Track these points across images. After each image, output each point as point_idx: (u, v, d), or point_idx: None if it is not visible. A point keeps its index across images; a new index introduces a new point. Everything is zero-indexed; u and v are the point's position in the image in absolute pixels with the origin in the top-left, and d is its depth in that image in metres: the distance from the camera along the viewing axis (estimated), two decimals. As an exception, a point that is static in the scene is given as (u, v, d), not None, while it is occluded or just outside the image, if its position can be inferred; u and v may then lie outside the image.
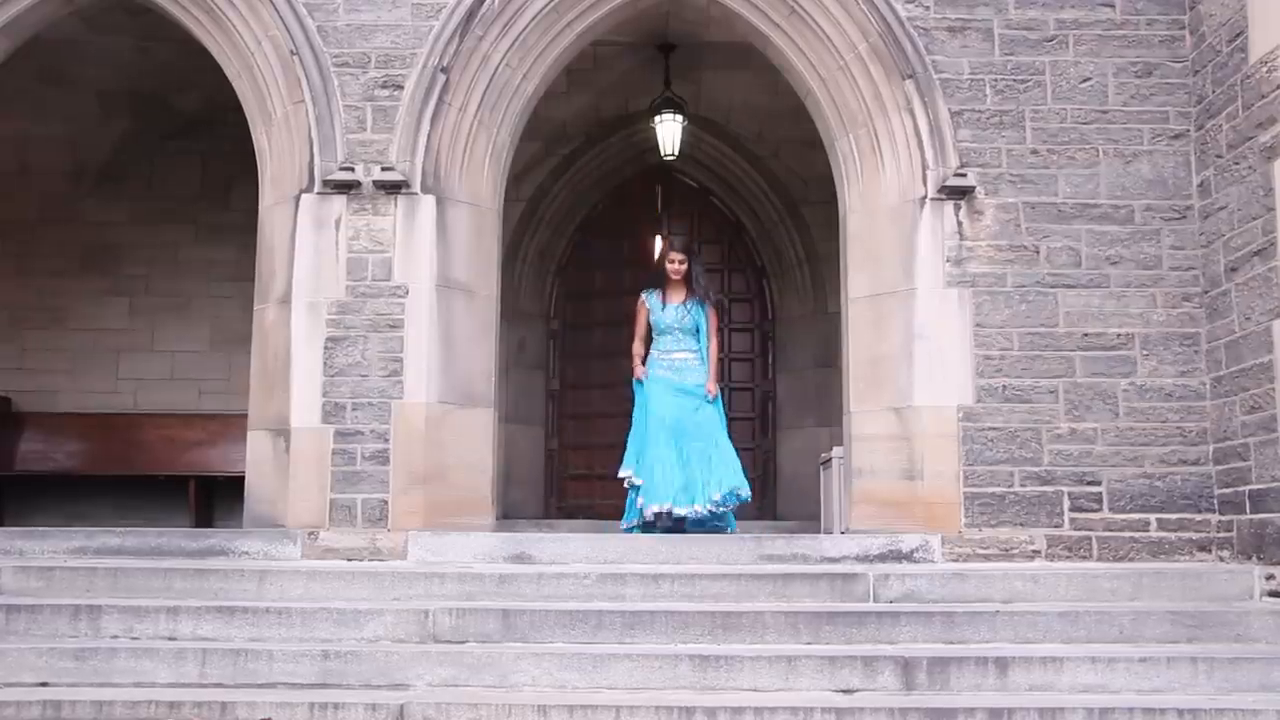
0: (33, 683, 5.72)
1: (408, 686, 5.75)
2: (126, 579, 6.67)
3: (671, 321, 8.48)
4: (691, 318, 8.50)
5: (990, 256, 7.45)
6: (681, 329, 8.47)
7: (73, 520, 10.43)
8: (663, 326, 8.51)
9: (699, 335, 8.51)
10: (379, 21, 7.71)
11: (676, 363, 8.41)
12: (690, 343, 8.49)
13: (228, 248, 11.31)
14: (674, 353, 8.44)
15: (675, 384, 8.33)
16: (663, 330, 8.52)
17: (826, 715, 5.35)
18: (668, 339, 8.50)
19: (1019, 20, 7.61)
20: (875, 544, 7.09)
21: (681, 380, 8.35)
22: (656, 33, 10.47)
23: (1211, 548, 7.16)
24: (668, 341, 8.50)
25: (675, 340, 8.47)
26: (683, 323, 8.47)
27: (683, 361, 8.42)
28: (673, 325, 8.47)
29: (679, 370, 8.39)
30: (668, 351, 8.47)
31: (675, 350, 8.45)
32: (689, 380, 8.36)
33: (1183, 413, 7.32)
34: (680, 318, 8.48)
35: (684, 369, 8.40)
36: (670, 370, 8.40)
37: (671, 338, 8.48)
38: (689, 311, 8.49)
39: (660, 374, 8.41)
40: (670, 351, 8.46)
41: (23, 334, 11.79)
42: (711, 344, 8.52)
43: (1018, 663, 5.86)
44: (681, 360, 8.43)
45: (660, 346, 8.52)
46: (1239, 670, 5.88)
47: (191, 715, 5.37)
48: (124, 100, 11.50)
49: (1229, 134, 7.09)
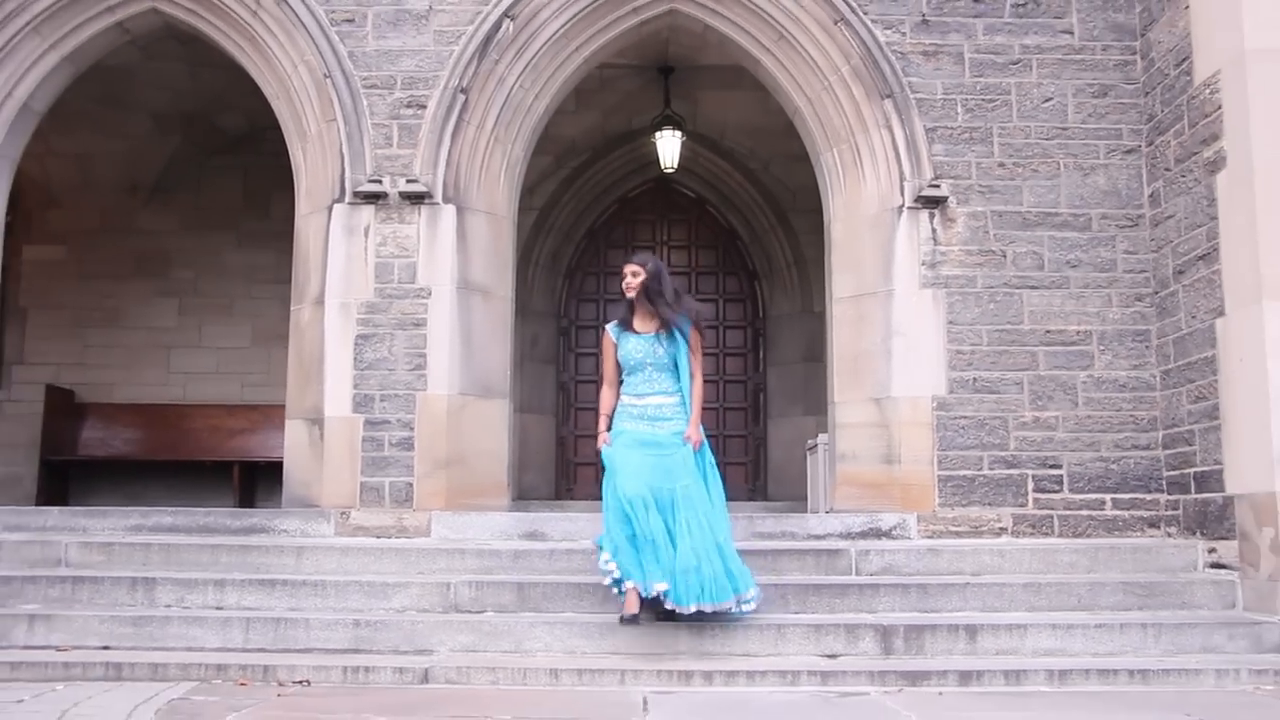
0: (96, 645, 5.79)
1: (432, 652, 5.77)
2: (178, 554, 6.71)
3: (641, 356, 6.09)
4: (666, 350, 6.09)
5: (961, 260, 7.44)
6: (655, 364, 6.09)
7: (129, 501, 10.44)
8: (631, 363, 6.12)
9: (678, 371, 6.14)
10: (404, 47, 7.71)
11: (650, 409, 6.05)
12: (667, 381, 6.10)
13: (267, 253, 11.32)
14: (647, 396, 6.08)
15: (646, 438, 5.98)
16: (632, 367, 6.13)
17: (813, 678, 5.40)
18: (638, 379, 6.12)
19: (987, 45, 7.59)
20: (857, 522, 7.08)
21: (655, 431, 6.00)
22: (657, 56, 10.45)
23: (1160, 524, 7.15)
24: (639, 382, 6.12)
25: (647, 379, 6.10)
26: (655, 356, 6.08)
27: (658, 408, 6.05)
28: (643, 361, 6.09)
29: (653, 419, 6.03)
30: (639, 395, 6.10)
31: (649, 393, 6.08)
32: (666, 430, 6.03)
33: (1135, 402, 7.31)
34: (651, 350, 6.08)
35: (659, 416, 6.04)
36: (642, 419, 6.04)
37: (642, 376, 6.11)
38: (661, 342, 6.09)
39: (628, 426, 6.05)
40: (642, 395, 6.09)
41: (84, 332, 11.82)
42: (695, 381, 6.14)
43: (986, 629, 5.91)
44: (656, 407, 6.06)
45: (630, 389, 6.14)
46: (1183, 634, 5.95)
47: (237, 677, 5.40)
48: (174, 120, 11.49)
49: (1176, 149, 7.07)
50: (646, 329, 6.12)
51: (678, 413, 6.05)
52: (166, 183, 11.94)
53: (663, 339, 6.08)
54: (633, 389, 6.12)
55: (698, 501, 5.81)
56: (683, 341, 6.11)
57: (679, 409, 6.07)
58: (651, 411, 6.04)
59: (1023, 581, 6.44)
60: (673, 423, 6.03)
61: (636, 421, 6.04)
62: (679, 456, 5.91)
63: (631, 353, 6.10)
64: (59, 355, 11.76)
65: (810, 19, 7.67)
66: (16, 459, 11.24)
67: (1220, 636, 5.94)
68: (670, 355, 6.09)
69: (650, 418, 6.03)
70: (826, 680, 5.37)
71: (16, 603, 6.19)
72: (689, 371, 6.12)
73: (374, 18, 7.74)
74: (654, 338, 6.09)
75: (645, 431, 5.99)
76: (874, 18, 7.61)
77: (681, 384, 6.11)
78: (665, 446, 5.95)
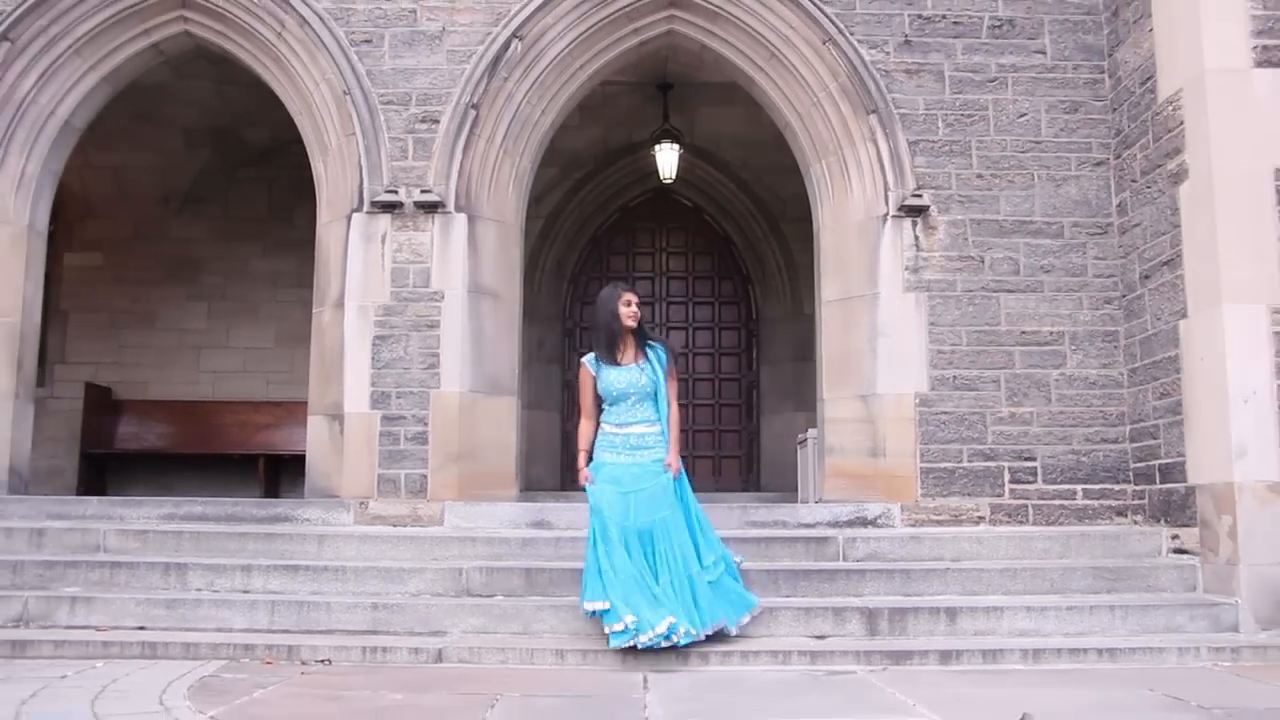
0: (133, 626, 5.81)
1: (445, 633, 5.79)
2: (208, 541, 6.72)
3: (625, 386, 5.77)
4: (649, 378, 5.80)
5: (942, 265, 7.45)
6: (639, 394, 5.78)
7: (162, 491, 10.49)
8: (614, 393, 5.79)
9: (658, 400, 5.84)
10: (418, 65, 7.72)
11: (634, 438, 5.75)
12: (649, 410, 5.81)
13: (290, 260, 11.36)
14: (630, 426, 5.77)
15: (627, 472, 5.69)
16: (615, 398, 5.81)
17: (803, 658, 5.42)
18: (621, 409, 5.80)
19: (966, 64, 7.61)
20: (844, 511, 7.09)
21: (636, 460, 5.73)
22: (657, 74, 10.47)
23: (1128, 513, 7.16)
24: (621, 411, 5.80)
25: (631, 409, 5.78)
26: (639, 386, 5.78)
27: (640, 437, 5.76)
28: (626, 391, 5.77)
29: (635, 447, 5.74)
30: (622, 425, 5.79)
31: (632, 422, 5.77)
32: (647, 458, 5.75)
33: (1104, 399, 7.32)
34: (635, 380, 5.78)
35: (641, 445, 5.75)
36: (625, 449, 5.75)
37: (625, 406, 5.79)
38: (644, 371, 5.80)
39: (609, 458, 5.77)
40: (625, 425, 5.78)
41: (120, 334, 11.86)
42: (673, 408, 5.88)
43: (965, 612, 5.92)
44: (640, 436, 5.76)
45: (612, 418, 5.83)
46: (1149, 615, 5.96)
47: (263, 656, 5.42)
48: (204, 135, 11.53)
49: (1142, 162, 7.09)
50: (629, 360, 5.83)
51: (659, 441, 5.78)
52: (196, 194, 11.97)
53: (645, 369, 5.80)
54: (615, 418, 5.81)
55: (674, 532, 5.60)
56: (662, 370, 5.84)
57: (660, 438, 5.79)
58: (635, 440, 5.75)
59: (999, 567, 6.45)
60: (654, 451, 5.75)
61: (618, 452, 5.76)
62: (660, 485, 5.66)
63: (614, 384, 5.79)
64: (97, 355, 11.81)
65: (800, 39, 7.69)
66: (58, 452, 11.27)
67: (1182, 617, 5.96)
68: (653, 384, 5.81)
69: (633, 446, 5.75)
70: (816, 660, 5.39)
71: (59, 586, 6.22)
72: (668, 400, 5.85)
73: (391, 38, 7.76)
74: (637, 368, 5.80)
75: (626, 462, 5.72)
76: (860, 38, 7.62)
77: (660, 413, 5.82)
78: (645, 477, 5.68)
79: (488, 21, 7.74)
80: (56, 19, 7.86)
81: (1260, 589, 5.95)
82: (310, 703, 4.36)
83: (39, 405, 9.03)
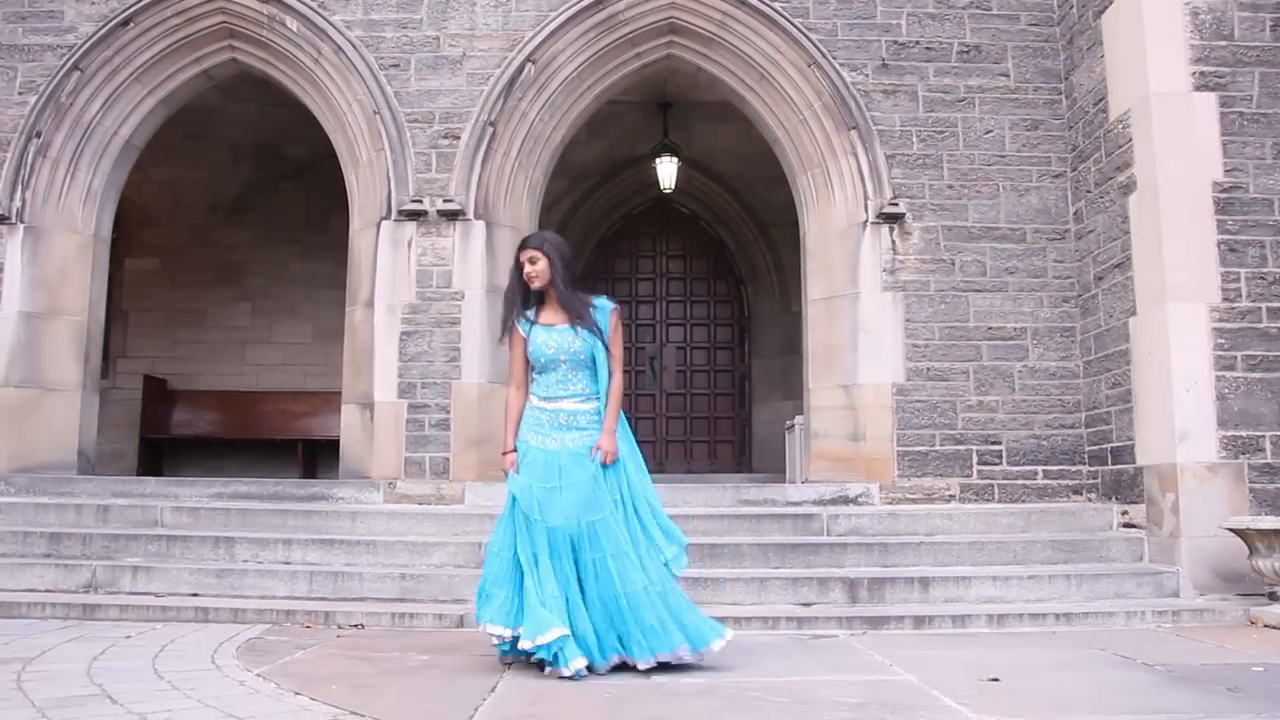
0: (187, 593, 5.88)
1: (466, 601, 5.78)
2: (252, 517, 6.78)
3: (554, 352, 4.38)
4: (584, 342, 4.38)
5: (917, 267, 7.47)
6: (571, 361, 4.38)
7: (211, 473, 10.55)
8: (542, 360, 4.40)
9: (596, 369, 4.42)
10: (441, 87, 7.75)
11: (562, 416, 4.35)
12: (583, 382, 4.40)
13: (325, 263, 11.39)
14: (559, 400, 4.38)
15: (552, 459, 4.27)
16: (543, 365, 4.41)
17: (790, 623, 5.45)
18: (550, 379, 4.41)
19: (937, 85, 7.62)
20: (828, 491, 7.12)
21: (564, 445, 4.30)
22: (657, 94, 10.49)
23: (1083, 491, 7.19)
24: (551, 383, 4.40)
25: (561, 380, 4.39)
26: (570, 352, 4.37)
27: (570, 415, 4.35)
28: (556, 358, 4.38)
29: (563, 428, 4.33)
30: (550, 399, 4.39)
31: (562, 396, 4.38)
32: (578, 442, 4.32)
33: (1062, 388, 7.35)
34: (565, 345, 4.37)
35: (572, 425, 4.34)
36: (553, 428, 4.34)
37: (555, 376, 4.40)
38: (578, 335, 4.38)
39: (534, 440, 4.33)
40: (554, 399, 4.38)
41: (175, 331, 11.93)
42: (614, 380, 4.41)
43: (937, 581, 5.96)
44: (570, 414, 4.36)
45: (541, 390, 4.43)
46: (1100, 583, 6.01)
47: (303, 621, 5.46)
48: (249, 151, 11.57)
49: (1095, 174, 7.10)
50: (557, 320, 4.41)
51: (594, 422, 4.36)
52: (241, 204, 12.02)
53: (579, 331, 4.37)
54: (543, 390, 4.40)
55: (606, 541, 4.16)
56: (603, 332, 4.40)
57: (595, 418, 4.36)
58: (564, 418, 4.33)
59: (968, 540, 6.49)
60: (587, 433, 4.33)
61: (545, 432, 4.32)
62: (592, 477, 4.25)
63: (542, 348, 4.37)
64: (154, 350, 11.88)
65: (788, 62, 7.71)
66: (120, 437, 11.34)
67: (1130, 584, 6.00)
68: (588, 349, 4.37)
69: (561, 425, 4.32)
70: (802, 625, 5.42)
71: (123, 556, 6.29)
72: (609, 366, 4.41)
73: (416, 63, 7.79)
74: (569, 330, 4.37)
75: (553, 448, 4.27)
76: (841, 61, 7.64)
77: (599, 385, 4.40)
78: (572, 469, 4.24)
79: (504, 47, 7.77)
80: (119, 50, 7.93)
81: (1199, 558, 5.99)
82: (346, 663, 4.40)
83: (103, 395, 9.08)
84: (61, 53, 7.87)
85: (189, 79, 8.21)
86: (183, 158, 11.05)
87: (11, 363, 7.64)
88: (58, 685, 3.80)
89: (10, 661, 4.25)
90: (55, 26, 7.91)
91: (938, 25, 7.69)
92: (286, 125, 10.42)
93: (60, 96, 7.85)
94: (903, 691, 3.87)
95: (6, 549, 6.38)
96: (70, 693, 3.67)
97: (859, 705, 3.62)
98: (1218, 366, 6.15)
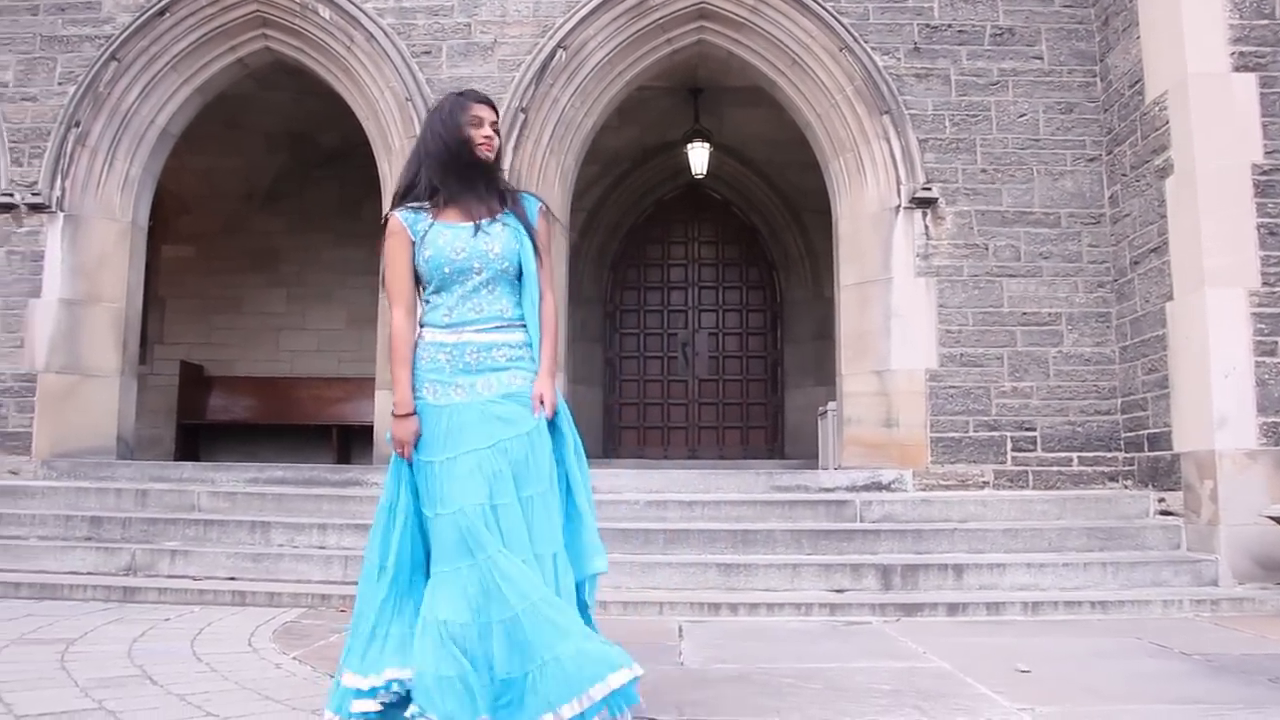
0: (224, 576, 5.95)
1: (500, 585, 5.83)
2: (288, 502, 6.84)
3: (465, 258, 2.86)
4: (505, 246, 2.89)
5: (950, 252, 7.40)
6: (491, 272, 2.87)
7: (247, 458, 10.63)
8: (447, 270, 2.86)
9: (520, 284, 2.93)
10: (473, 74, 7.75)
11: (477, 351, 2.85)
12: (505, 301, 2.91)
13: (359, 250, 11.42)
14: (471, 329, 2.86)
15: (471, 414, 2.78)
16: (446, 279, 2.87)
17: (823, 610, 5.42)
18: (456, 297, 2.88)
19: (970, 69, 7.53)
20: (861, 477, 7.09)
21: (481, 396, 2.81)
22: (688, 79, 10.43)
23: (1119, 478, 7.11)
24: (458, 303, 2.88)
25: (474, 299, 2.88)
26: (490, 256, 2.86)
27: (489, 349, 2.85)
28: (467, 266, 2.86)
29: (479, 370, 2.83)
30: (458, 327, 2.86)
31: (475, 322, 2.87)
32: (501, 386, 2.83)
33: (1098, 374, 7.26)
34: (485, 247, 2.86)
35: (491, 365, 2.84)
36: (461, 373, 2.83)
37: (462, 293, 2.88)
38: (502, 236, 2.90)
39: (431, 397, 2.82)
40: (463, 327, 2.86)
41: (210, 317, 12.03)
42: (546, 299, 2.96)
43: (970, 568, 5.91)
44: (488, 347, 2.86)
45: (439, 316, 2.89)
46: (1136, 571, 5.94)
47: (337, 605, 5.48)
48: (283, 139, 11.63)
49: (1131, 158, 7.00)
50: (474, 215, 2.91)
51: (522, 357, 2.90)
52: (276, 191, 12.09)
53: (506, 226, 2.93)
54: (447, 316, 2.88)
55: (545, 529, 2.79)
56: (529, 234, 2.96)
57: (525, 352, 2.91)
58: (480, 358, 2.85)
59: (1002, 527, 6.44)
60: (512, 373, 2.86)
61: (448, 380, 2.83)
62: (525, 440, 2.79)
63: (448, 253, 2.86)
64: (191, 336, 11.99)
65: (819, 47, 7.64)
66: (158, 423, 11.48)
67: (1167, 573, 5.93)
68: (513, 256, 2.92)
69: (475, 368, 2.84)
70: (835, 611, 5.40)
71: (161, 540, 6.37)
72: (540, 281, 2.95)
73: (448, 49, 7.80)
74: (494, 225, 2.91)
75: (462, 401, 2.80)
76: (873, 45, 7.57)
77: (525, 306, 2.94)
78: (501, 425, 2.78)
79: (535, 33, 7.76)
80: (155, 40, 8.01)
81: (1238, 546, 5.91)
82: (381, 646, 4.42)
83: (141, 381, 9.19)
84: (99, 43, 7.94)
85: (224, 67, 8.27)
86: (218, 146, 11.13)
87: (53, 349, 7.74)
88: (99, 666, 3.86)
89: (54, 642, 4.32)
90: (93, 17, 7.99)
91: (970, 8, 7.59)
92: (320, 113, 10.46)
93: (98, 86, 7.93)
94: (936, 679, 3.84)
95: (49, 532, 6.49)
96: (111, 673, 3.73)
97: (893, 692, 3.60)
98: (1257, 352, 6.05)
